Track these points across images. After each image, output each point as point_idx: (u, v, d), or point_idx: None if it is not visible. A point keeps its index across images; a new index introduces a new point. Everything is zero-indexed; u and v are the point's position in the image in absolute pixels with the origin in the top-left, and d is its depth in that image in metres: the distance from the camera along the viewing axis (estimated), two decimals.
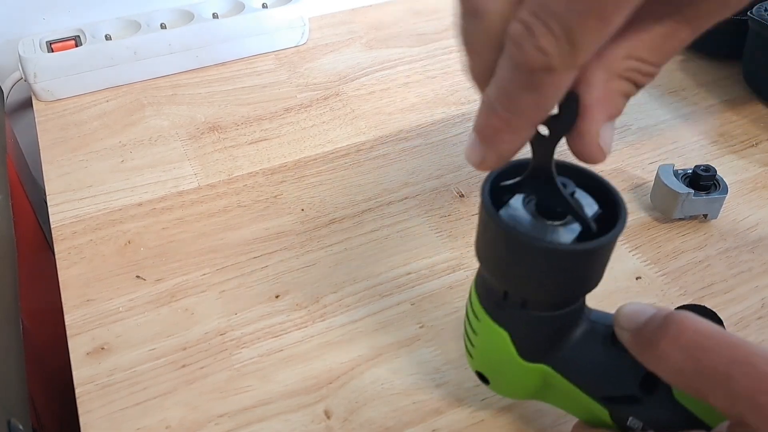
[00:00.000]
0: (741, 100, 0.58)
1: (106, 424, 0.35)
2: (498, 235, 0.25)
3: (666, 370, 0.24)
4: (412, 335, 0.39)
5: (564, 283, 0.25)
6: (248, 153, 0.54)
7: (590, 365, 0.27)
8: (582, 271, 0.25)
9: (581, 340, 0.28)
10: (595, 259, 0.25)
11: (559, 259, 0.24)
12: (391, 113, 0.58)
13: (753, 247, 0.44)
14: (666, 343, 0.23)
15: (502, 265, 0.26)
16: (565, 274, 0.25)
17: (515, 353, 0.28)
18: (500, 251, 0.25)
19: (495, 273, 0.26)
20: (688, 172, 0.45)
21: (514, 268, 0.25)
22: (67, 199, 0.50)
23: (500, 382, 0.31)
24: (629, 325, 0.25)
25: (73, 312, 0.41)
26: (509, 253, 0.25)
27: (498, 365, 0.30)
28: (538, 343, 0.28)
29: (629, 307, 0.26)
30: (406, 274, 0.43)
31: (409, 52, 0.66)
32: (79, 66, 0.60)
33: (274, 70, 0.64)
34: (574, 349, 0.28)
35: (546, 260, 0.24)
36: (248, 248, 0.45)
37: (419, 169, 0.51)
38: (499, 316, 0.28)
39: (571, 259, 0.24)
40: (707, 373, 0.22)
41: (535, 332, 0.27)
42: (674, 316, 0.24)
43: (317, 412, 0.35)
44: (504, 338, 0.28)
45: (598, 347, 0.27)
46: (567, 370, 0.28)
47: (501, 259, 0.25)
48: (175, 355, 0.38)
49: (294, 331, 0.39)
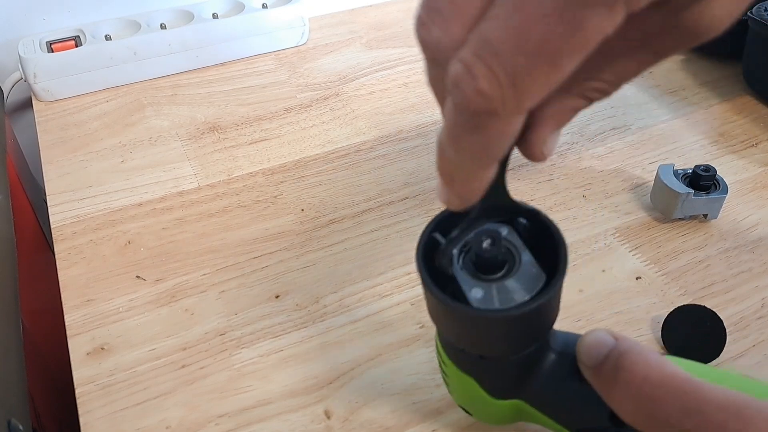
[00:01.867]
0: (741, 100, 0.58)
1: (106, 424, 0.35)
2: (441, 309, 0.24)
3: (623, 415, 0.23)
4: (412, 335, 0.39)
5: (518, 339, 0.25)
6: (248, 153, 0.54)
7: (560, 398, 0.27)
8: (530, 325, 0.25)
9: (549, 374, 0.27)
10: (541, 313, 0.24)
11: (503, 324, 0.24)
12: (391, 113, 0.58)
13: (753, 247, 0.44)
14: (618, 391, 0.22)
15: (453, 330, 0.26)
16: (518, 332, 0.25)
17: (485, 394, 0.28)
18: (448, 321, 0.25)
19: (446, 334, 0.26)
20: (688, 172, 0.45)
21: (466, 334, 0.25)
22: (67, 200, 0.50)
23: (481, 415, 0.31)
24: (588, 362, 0.24)
25: (73, 312, 0.41)
26: (456, 323, 0.25)
27: (474, 402, 0.30)
28: (505, 384, 0.28)
29: (588, 339, 0.25)
30: (406, 274, 0.43)
31: (409, 52, 0.66)
32: (79, 66, 0.60)
33: (274, 70, 0.64)
34: (542, 383, 0.27)
35: (490, 326, 0.24)
36: (248, 248, 0.45)
37: (419, 169, 0.51)
38: (462, 365, 0.28)
39: (515, 321, 0.24)
40: (660, 424, 0.21)
41: (500, 376, 0.27)
42: (624, 361, 0.22)
43: (317, 412, 0.35)
44: (471, 383, 0.28)
45: (566, 379, 0.27)
46: (539, 404, 0.28)
47: (451, 326, 0.25)
48: (175, 356, 0.38)
49: (294, 331, 0.39)
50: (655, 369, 0.22)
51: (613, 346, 0.23)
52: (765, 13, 0.54)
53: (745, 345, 0.38)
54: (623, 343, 0.23)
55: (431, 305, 0.26)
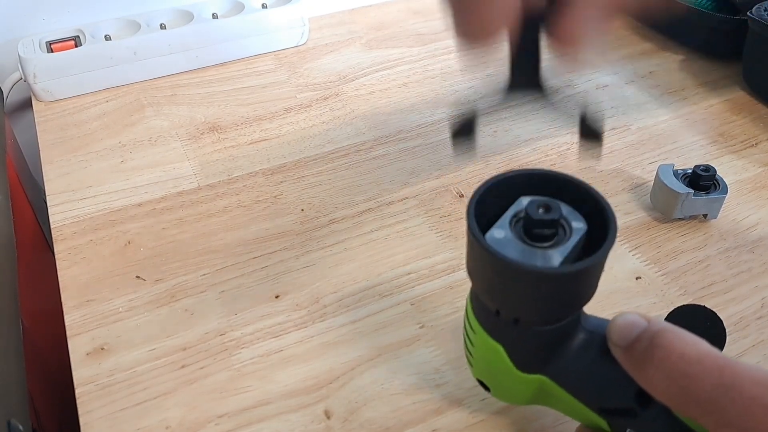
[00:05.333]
0: (741, 100, 0.58)
1: (106, 424, 0.35)
2: (485, 259, 0.24)
3: (655, 393, 0.23)
4: (412, 335, 0.39)
5: (555, 303, 0.25)
6: (248, 153, 0.54)
7: (586, 377, 0.27)
8: (572, 291, 0.25)
9: (577, 351, 0.27)
10: (585, 279, 0.24)
11: (547, 282, 0.24)
12: (390, 113, 0.58)
13: (753, 247, 0.44)
14: (652, 368, 0.23)
15: (491, 287, 0.26)
16: (555, 295, 0.25)
17: (511, 365, 0.28)
18: (488, 273, 0.25)
19: (485, 293, 0.26)
20: (687, 172, 0.45)
21: (504, 290, 0.25)
22: (66, 200, 0.50)
23: (500, 390, 0.31)
24: (620, 342, 0.25)
25: (73, 312, 0.41)
26: (497, 276, 0.25)
27: (496, 375, 0.30)
28: (533, 355, 0.28)
29: (621, 320, 0.25)
30: (406, 274, 0.43)
31: (409, 52, 0.66)
32: (78, 66, 0.60)
33: (274, 71, 0.64)
34: (570, 360, 0.27)
35: (535, 284, 0.24)
36: (248, 248, 0.45)
37: (419, 169, 0.51)
38: (493, 331, 0.28)
39: (559, 282, 0.24)
40: (694, 400, 0.22)
41: (530, 346, 0.27)
42: (660, 339, 0.23)
43: (317, 412, 0.35)
44: (499, 351, 0.28)
45: (594, 358, 0.27)
46: (564, 381, 0.28)
47: (490, 280, 0.25)
48: (175, 356, 0.38)
49: (294, 331, 0.39)
50: (691, 346, 0.22)
51: (646, 327, 0.24)
52: (765, 13, 0.54)
53: (745, 345, 0.38)
54: (657, 323, 0.24)
55: (475, 257, 0.25)
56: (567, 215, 0.26)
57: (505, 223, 0.26)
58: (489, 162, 0.52)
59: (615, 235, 0.24)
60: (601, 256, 0.23)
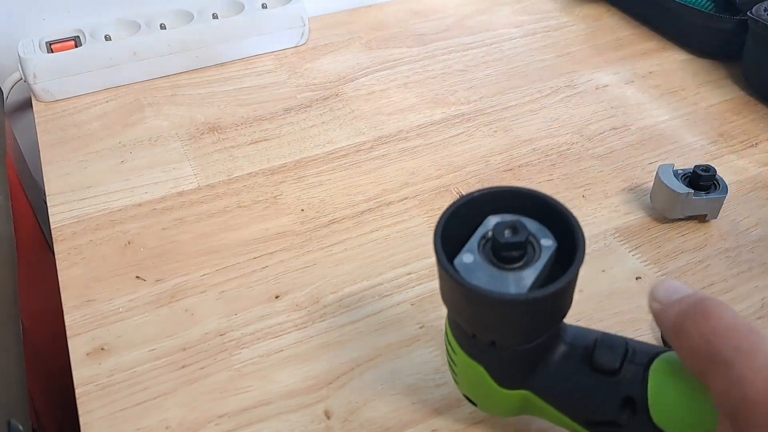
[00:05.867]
0: (741, 100, 0.58)
1: (106, 424, 0.35)
2: (456, 289, 0.24)
3: (682, 348, 0.24)
4: (412, 335, 0.39)
5: (530, 326, 0.25)
6: (248, 153, 0.54)
7: (569, 390, 0.27)
8: (546, 312, 0.25)
9: (559, 365, 0.27)
10: (557, 300, 0.24)
11: (519, 308, 0.24)
12: (390, 113, 0.58)
13: (753, 247, 0.44)
14: (690, 323, 0.24)
15: (465, 314, 0.26)
16: (529, 319, 0.25)
17: (493, 383, 0.28)
18: (461, 302, 0.25)
19: (459, 319, 0.26)
20: (687, 172, 0.45)
21: (477, 316, 0.25)
22: (66, 200, 0.50)
23: (487, 405, 0.31)
24: (664, 299, 0.26)
25: (73, 312, 0.41)
26: (469, 305, 0.25)
27: (480, 391, 0.30)
28: (515, 373, 0.28)
29: (669, 283, 0.26)
30: (406, 274, 0.43)
31: (409, 53, 0.66)
32: (78, 66, 0.60)
33: (273, 71, 0.64)
34: (552, 374, 0.27)
35: (507, 310, 0.24)
36: (248, 248, 0.45)
37: (419, 169, 0.51)
38: (472, 353, 0.28)
39: (531, 306, 0.24)
40: (713, 357, 0.22)
41: (510, 365, 0.27)
42: (707, 301, 0.24)
43: (317, 413, 0.35)
44: (480, 371, 0.28)
45: (576, 372, 0.27)
46: (547, 395, 0.28)
47: (463, 308, 0.25)
48: (175, 356, 0.38)
49: (294, 331, 0.39)
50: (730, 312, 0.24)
51: (694, 292, 0.25)
52: (765, 13, 0.54)
53: None
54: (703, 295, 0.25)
55: (446, 286, 0.25)
56: (536, 233, 0.25)
57: (473, 246, 0.26)
58: (489, 162, 0.52)
59: (583, 254, 0.24)
60: (570, 276, 0.23)
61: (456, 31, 0.70)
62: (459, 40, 0.68)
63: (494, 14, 0.73)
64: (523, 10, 0.74)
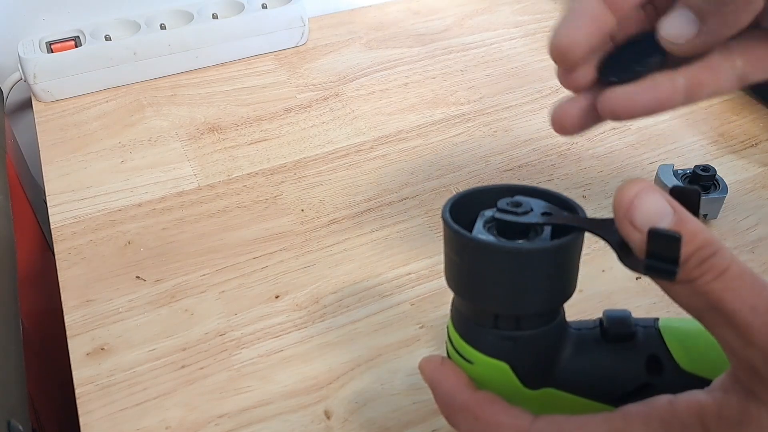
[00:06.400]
0: (741, 100, 0.58)
1: (106, 424, 0.35)
2: (477, 255, 0.24)
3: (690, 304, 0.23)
4: (412, 335, 0.39)
5: (554, 286, 0.25)
6: (248, 153, 0.54)
7: (593, 370, 0.27)
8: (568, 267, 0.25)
9: (576, 352, 0.27)
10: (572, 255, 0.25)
11: (547, 258, 0.24)
12: (390, 114, 0.58)
13: (753, 247, 0.44)
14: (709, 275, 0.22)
15: (487, 286, 0.25)
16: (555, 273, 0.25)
17: (519, 384, 0.27)
18: (482, 272, 0.25)
19: (480, 299, 0.26)
20: (687, 172, 0.45)
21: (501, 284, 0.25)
22: (66, 200, 0.50)
23: None
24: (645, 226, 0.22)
25: (73, 312, 0.41)
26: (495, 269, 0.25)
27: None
28: (539, 365, 0.27)
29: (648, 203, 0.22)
30: (406, 274, 0.43)
31: (409, 53, 0.66)
32: (78, 66, 0.60)
33: (273, 71, 0.64)
34: (572, 363, 0.27)
35: (535, 262, 0.24)
36: (248, 248, 0.45)
37: (419, 169, 0.51)
38: (494, 350, 0.27)
39: (558, 255, 0.24)
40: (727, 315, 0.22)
41: (534, 354, 0.27)
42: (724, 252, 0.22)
43: (317, 413, 0.35)
44: (505, 371, 0.27)
45: (593, 351, 0.27)
46: (573, 386, 0.27)
47: (484, 279, 0.25)
48: (174, 356, 0.38)
49: (294, 331, 0.39)
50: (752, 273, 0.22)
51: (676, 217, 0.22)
52: None
53: None
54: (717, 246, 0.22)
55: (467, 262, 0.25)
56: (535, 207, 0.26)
57: (479, 230, 0.26)
58: (489, 162, 0.52)
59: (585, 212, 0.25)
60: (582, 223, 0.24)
61: (456, 31, 0.70)
62: (459, 40, 0.68)
63: (494, 14, 0.73)
64: (523, 10, 0.74)
